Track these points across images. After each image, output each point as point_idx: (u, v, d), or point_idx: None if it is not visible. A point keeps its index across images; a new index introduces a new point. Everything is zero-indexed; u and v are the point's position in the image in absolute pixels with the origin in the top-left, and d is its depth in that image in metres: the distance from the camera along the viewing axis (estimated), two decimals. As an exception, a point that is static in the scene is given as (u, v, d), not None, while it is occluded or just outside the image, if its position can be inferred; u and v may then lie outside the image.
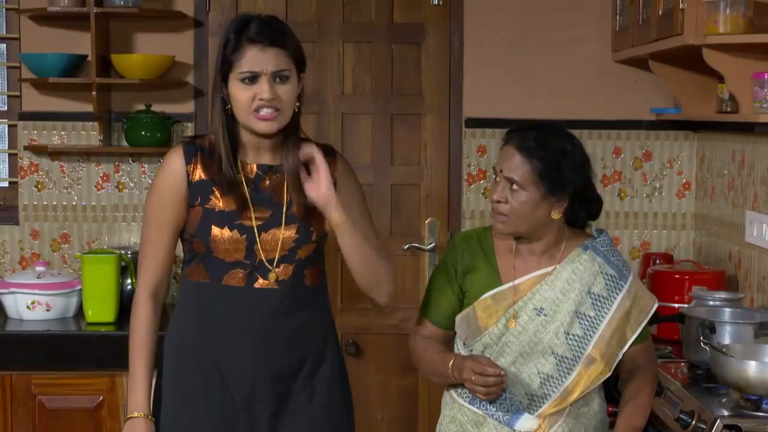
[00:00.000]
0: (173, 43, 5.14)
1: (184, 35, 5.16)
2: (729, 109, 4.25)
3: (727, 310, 3.79)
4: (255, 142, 3.12)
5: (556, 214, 3.09)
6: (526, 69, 5.16)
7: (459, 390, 3.16)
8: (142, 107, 5.07)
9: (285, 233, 3.12)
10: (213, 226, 3.06)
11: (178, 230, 3.12)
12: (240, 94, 3.02)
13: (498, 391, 3.02)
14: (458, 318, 3.21)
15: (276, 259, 3.12)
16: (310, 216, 3.15)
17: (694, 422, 3.21)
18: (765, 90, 3.80)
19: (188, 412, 3.13)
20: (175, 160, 3.09)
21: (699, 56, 4.01)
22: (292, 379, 3.13)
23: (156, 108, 5.07)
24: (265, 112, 3.03)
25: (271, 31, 3.07)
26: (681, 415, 3.26)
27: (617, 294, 3.12)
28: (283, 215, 3.12)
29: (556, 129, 3.17)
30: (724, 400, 3.32)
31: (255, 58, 3.01)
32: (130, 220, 5.16)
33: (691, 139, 5.13)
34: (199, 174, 3.09)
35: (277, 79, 3.05)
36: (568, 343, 3.06)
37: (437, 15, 5.23)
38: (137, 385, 3.14)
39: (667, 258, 4.91)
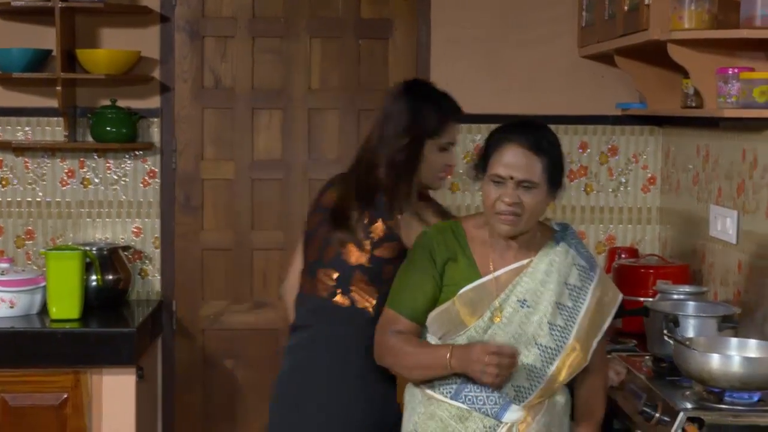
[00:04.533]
0: (139, 38, 5.13)
1: (149, 30, 5.15)
2: (694, 104, 4.26)
3: (691, 303, 3.81)
4: None
5: (550, 208, 3.15)
6: (492, 65, 5.17)
7: (438, 386, 3.12)
8: (107, 102, 5.06)
9: None
10: None
11: None
12: (438, 159, 3.56)
13: (508, 374, 3.00)
14: (435, 314, 3.16)
15: None
16: None
17: (657, 415, 3.22)
18: (729, 85, 3.82)
19: None
20: None
21: (664, 51, 4.03)
22: None
23: (121, 103, 5.06)
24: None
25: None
26: (645, 408, 3.26)
27: (589, 284, 3.15)
28: None
29: (543, 124, 3.19)
30: (688, 392, 3.33)
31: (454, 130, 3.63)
32: (95, 216, 5.15)
33: (656, 134, 5.15)
34: None
35: None
36: (551, 334, 3.07)
37: (405, 10, 5.23)
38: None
39: (633, 252, 4.93)
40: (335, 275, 3.51)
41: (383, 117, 3.59)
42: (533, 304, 3.10)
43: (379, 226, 3.47)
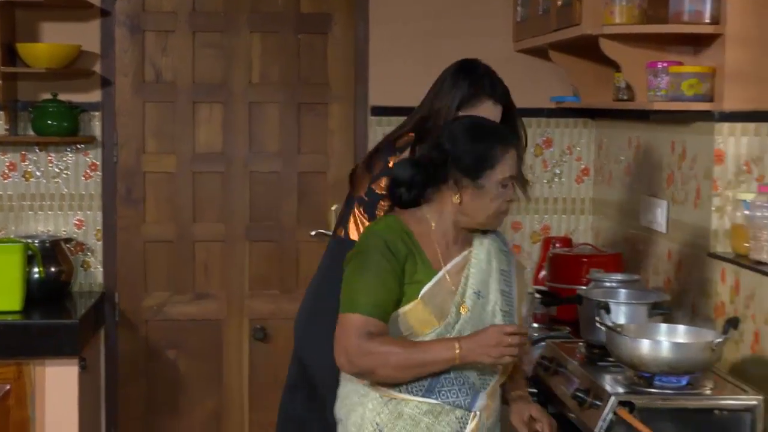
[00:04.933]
0: (80, 32, 5.14)
1: (90, 24, 5.17)
2: (625, 98, 4.36)
3: (622, 291, 3.87)
4: None
5: None
6: (430, 58, 5.22)
7: (405, 386, 3.05)
8: (48, 96, 5.07)
9: None
10: None
11: None
12: None
13: (522, 353, 3.11)
14: (400, 314, 3.06)
15: None
16: None
17: (590, 399, 3.27)
18: (659, 79, 3.92)
19: None
20: None
21: (596, 46, 4.12)
22: None
23: (62, 97, 5.08)
24: None
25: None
26: (577, 393, 3.32)
27: (512, 267, 3.21)
28: None
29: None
30: (619, 377, 3.39)
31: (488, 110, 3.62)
32: (37, 209, 5.17)
33: (589, 127, 5.25)
34: None
35: None
36: (504, 321, 3.10)
37: (343, 5, 5.30)
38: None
39: (566, 242, 5.03)
40: (341, 209, 3.73)
41: (432, 85, 3.75)
42: (485, 294, 3.12)
43: (380, 163, 3.60)
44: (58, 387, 4.61)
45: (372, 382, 3.07)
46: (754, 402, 3.17)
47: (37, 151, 5.15)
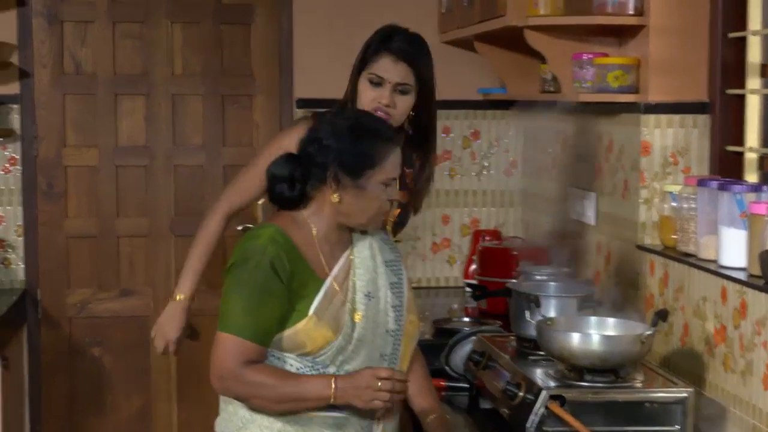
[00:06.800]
0: (-4, 23, 5.08)
1: (7, 15, 5.12)
2: (552, 89, 4.39)
3: (552, 284, 3.87)
4: None
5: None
6: (354, 50, 5.17)
7: None
8: (-36, 89, 5.01)
9: None
10: None
11: None
12: (368, 92, 3.46)
13: (399, 399, 2.94)
14: (291, 333, 2.90)
15: None
16: None
17: (521, 394, 3.26)
18: (584, 70, 3.93)
19: None
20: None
21: (521, 37, 4.12)
22: None
23: (-20, 90, 5.03)
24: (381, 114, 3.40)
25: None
26: (508, 387, 3.31)
27: (397, 253, 3.14)
28: None
29: None
30: (550, 371, 3.38)
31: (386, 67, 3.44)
32: (-37, 199, 5.13)
33: (516, 119, 5.27)
34: None
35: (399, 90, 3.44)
36: (394, 317, 3.04)
37: (266, -5, 5.29)
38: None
39: (496, 234, 5.08)
40: None
41: None
42: (375, 293, 3.03)
43: None
44: (-21, 387, 4.57)
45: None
46: (684, 394, 3.18)
47: (-45, 144, 5.10)
